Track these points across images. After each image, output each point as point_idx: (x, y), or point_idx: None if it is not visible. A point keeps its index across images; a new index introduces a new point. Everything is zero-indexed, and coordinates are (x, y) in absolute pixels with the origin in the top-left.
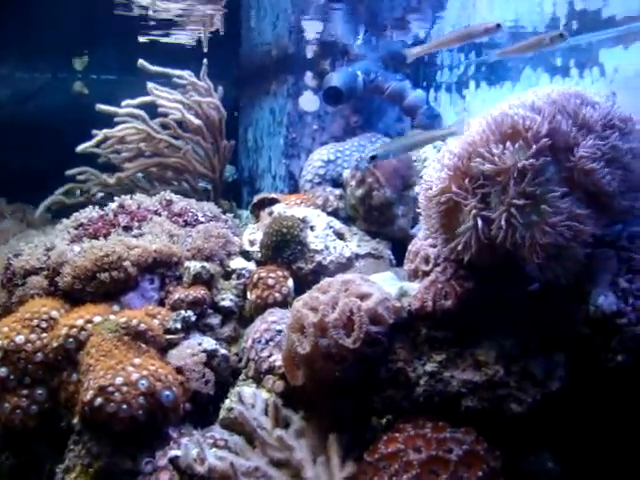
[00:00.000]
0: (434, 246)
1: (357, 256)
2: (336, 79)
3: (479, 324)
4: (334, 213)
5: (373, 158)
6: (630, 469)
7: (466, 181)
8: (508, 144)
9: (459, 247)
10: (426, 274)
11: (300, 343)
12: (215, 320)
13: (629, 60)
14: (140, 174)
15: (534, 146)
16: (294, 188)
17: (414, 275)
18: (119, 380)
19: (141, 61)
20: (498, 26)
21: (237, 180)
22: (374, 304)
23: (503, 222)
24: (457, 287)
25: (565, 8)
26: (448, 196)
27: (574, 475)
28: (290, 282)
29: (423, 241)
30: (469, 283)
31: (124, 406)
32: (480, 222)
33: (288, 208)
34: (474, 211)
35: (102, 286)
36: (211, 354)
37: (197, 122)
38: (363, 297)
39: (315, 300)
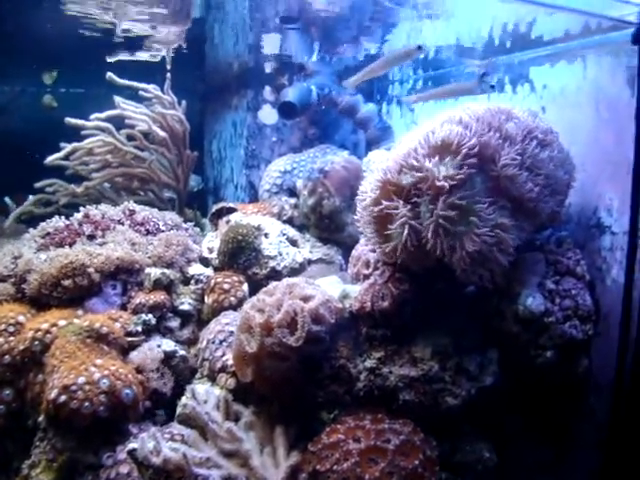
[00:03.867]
0: (374, 251)
1: (309, 261)
2: (291, 94)
3: (416, 323)
4: (289, 221)
5: None
6: (560, 456)
7: (398, 192)
8: (437, 157)
9: (390, 252)
10: (366, 277)
11: (248, 342)
12: (174, 323)
13: (556, 77)
14: (107, 184)
15: (460, 159)
16: (254, 197)
17: (356, 278)
18: (82, 379)
19: (110, 74)
20: (419, 48)
21: (203, 189)
22: (316, 305)
23: (431, 232)
24: (393, 289)
25: (499, 29)
26: (379, 205)
27: (511, 464)
28: (245, 287)
29: (364, 247)
30: (404, 285)
31: (86, 403)
32: (409, 230)
33: (245, 217)
34: (403, 219)
35: (67, 292)
36: (170, 355)
37: (162, 134)
38: (306, 299)
39: (262, 302)
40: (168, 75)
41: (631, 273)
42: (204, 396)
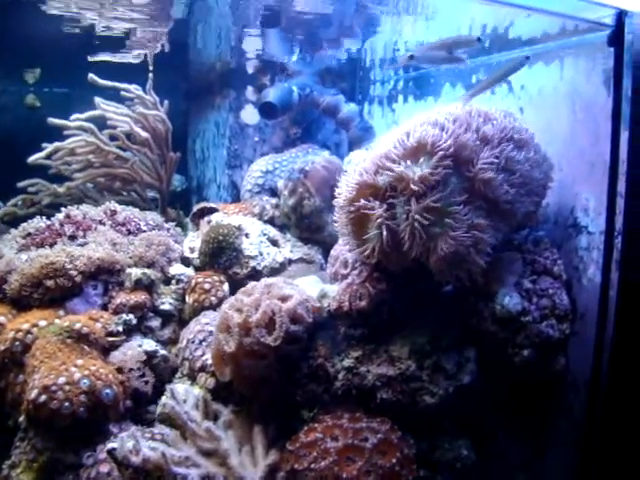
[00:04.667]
0: (353, 251)
1: (290, 261)
2: (272, 95)
3: (394, 322)
4: (270, 221)
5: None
6: (539, 453)
7: (373, 192)
8: (412, 158)
9: (366, 253)
10: (344, 277)
11: (226, 342)
12: (155, 323)
13: (533, 78)
14: (90, 184)
15: (436, 160)
16: (237, 197)
17: (334, 278)
18: (62, 380)
19: (91, 75)
20: (478, 40)
21: (186, 189)
22: (294, 305)
23: (407, 234)
24: (371, 289)
25: (479, 30)
26: (356, 206)
27: (490, 461)
28: (226, 286)
29: (343, 247)
30: (382, 285)
31: (66, 403)
32: (385, 231)
33: (226, 217)
34: (379, 220)
35: (48, 292)
36: (151, 354)
37: (144, 134)
38: (284, 299)
39: (240, 302)
40: (150, 75)
41: (607, 272)
42: (184, 395)
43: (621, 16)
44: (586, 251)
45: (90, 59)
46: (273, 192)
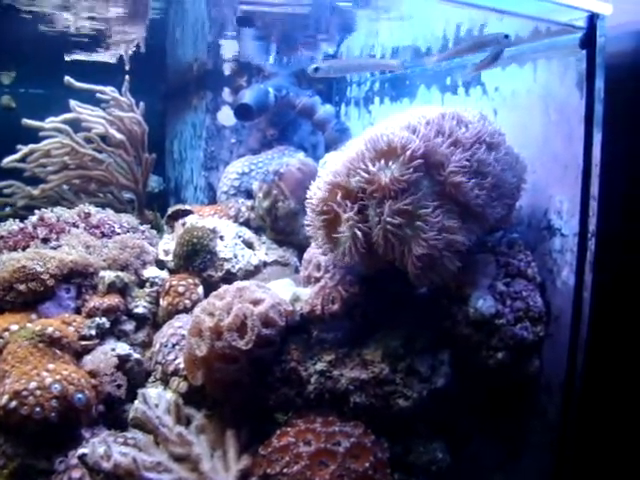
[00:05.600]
0: (325, 254)
1: (265, 264)
2: (247, 96)
3: (367, 325)
4: (246, 223)
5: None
6: (514, 455)
7: (345, 195)
8: (383, 161)
9: (339, 256)
10: (317, 280)
11: (198, 346)
12: (129, 326)
13: (507, 80)
14: (66, 186)
15: (407, 163)
16: (213, 199)
17: (308, 281)
18: (33, 385)
19: (67, 78)
20: (506, 37)
21: (164, 190)
22: (266, 309)
23: (379, 237)
24: (343, 292)
25: (453, 32)
26: (328, 209)
27: (465, 464)
28: (200, 289)
29: (316, 249)
30: (355, 288)
31: (37, 409)
32: (357, 234)
33: (201, 219)
34: (351, 222)
35: (20, 296)
36: (124, 358)
37: (120, 136)
38: (256, 302)
39: (212, 306)
40: (126, 77)
41: (581, 275)
42: (156, 400)
43: (593, 19)
44: (560, 253)
45: (66, 59)
46: (249, 194)
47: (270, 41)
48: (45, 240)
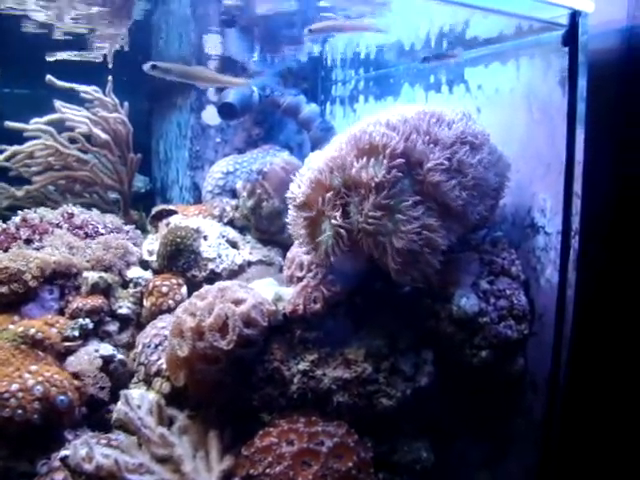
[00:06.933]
0: (308, 253)
1: (249, 263)
2: (232, 95)
3: (350, 325)
4: (231, 223)
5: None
6: (500, 453)
7: (327, 193)
8: (364, 159)
9: (321, 254)
10: (300, 280)
11: (180, 347)
12: (113, 327)
13: (490, 78)
14: (51, 187)
15: (388, 161)
16: (199, 198)
17: (290, 280)
18: (15, 387)
19: (49, 77)
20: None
21: (151, 190)
22: (247, 309)
23: (361, 233)
24: (325, 291)
25: (437, 30)
26: (310, 207)
27: (450, 462)
28: (184, 289)
29: (299, 249)
30: (337, 287)
31: (19, 411)
32: (340, 231)
33: (185, 219)
34: (334, 221)
35: (2, 297)
36: (108, 359)
37: (105, 137)
38: (238, 302)
39: (193, 306)
40: (109, 78)
41: (565, 273)
42: (138, 401)
43: (575, 16)
44: (544, 251)
45: (50, 58)
46: (234, 193)
47: (255, 40)
48: (28, 241)
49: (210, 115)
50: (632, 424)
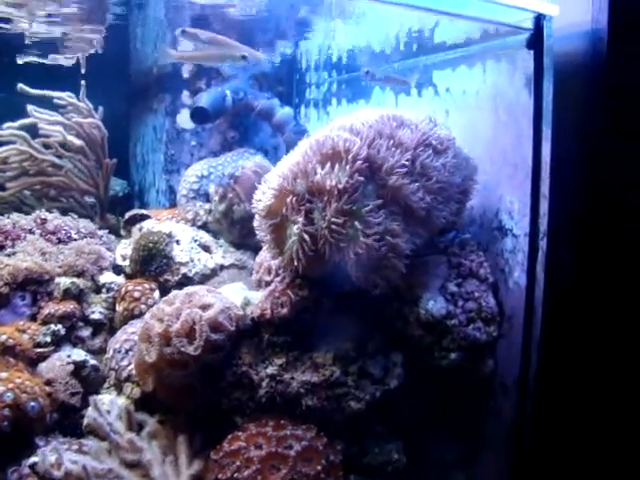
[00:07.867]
0: (275, 258)
1: (222, 267)
2: (204, 99)
3: (318, 328)
4: (204, 227)
5: None
6: (472, 454)
7: (292, 199)
8: (328, 165)
9: (287, 259)
10: (268, 284)
11: (148, 352)
12: (86, 332)
13: (457, 81)
14: (27, 192)
15: (350, 166)
16: (175, 202)
17: (259, 285)
18: None
19: (20, 85)
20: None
21: (129, 194)
22: (215, 313)
23: (324, 239)
24: (292, 295)
25: (405, 34)
26: (275, 213)
27: (423, 463)
28: (156, 294)
29: (267, 253)
30: (304, 291)
31: None
32: (304, 237)
33: (158, 223)
34: (298, 226)
35: None
36: (80, 365)
37: (79, 143)
38: (205, 307)
39: (161, 312)
40: (83, 82)
41: (532, 275)
42: (108, 406)
43: (540, 19)
44: (512, 254)
45: (22, 61)
46: (208, 197)
47: None
48: (0, 247)
49: (185, 119)
50: (601, 423)
